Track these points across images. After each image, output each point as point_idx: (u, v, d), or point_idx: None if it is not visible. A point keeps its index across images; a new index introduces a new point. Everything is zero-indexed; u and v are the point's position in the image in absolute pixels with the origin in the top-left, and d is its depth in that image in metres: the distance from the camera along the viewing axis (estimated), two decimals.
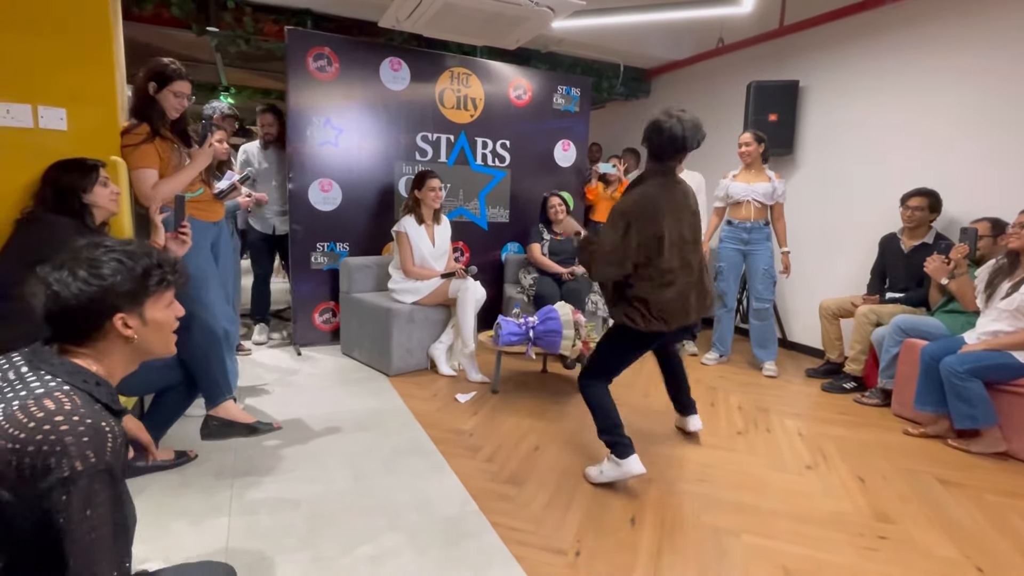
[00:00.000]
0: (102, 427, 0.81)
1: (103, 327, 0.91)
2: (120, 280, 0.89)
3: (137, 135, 2.12)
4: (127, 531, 0.85)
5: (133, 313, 0.93)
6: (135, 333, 0.93)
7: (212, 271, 2.41)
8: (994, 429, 2.49)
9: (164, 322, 0.99)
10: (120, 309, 0.91)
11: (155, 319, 0.97)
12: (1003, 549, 1.81)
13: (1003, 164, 3.08)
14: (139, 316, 0.94)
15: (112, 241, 0.94)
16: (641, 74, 5.52)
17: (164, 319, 0.99)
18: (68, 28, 2.02)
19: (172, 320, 1.01)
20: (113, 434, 0.82)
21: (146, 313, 0.95)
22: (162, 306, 0.98)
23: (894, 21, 3.53)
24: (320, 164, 3.64)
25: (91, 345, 0.92)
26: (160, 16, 3.67)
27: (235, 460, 2.16)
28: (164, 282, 0.97)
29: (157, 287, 0.96)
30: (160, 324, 0.98)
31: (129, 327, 0.92)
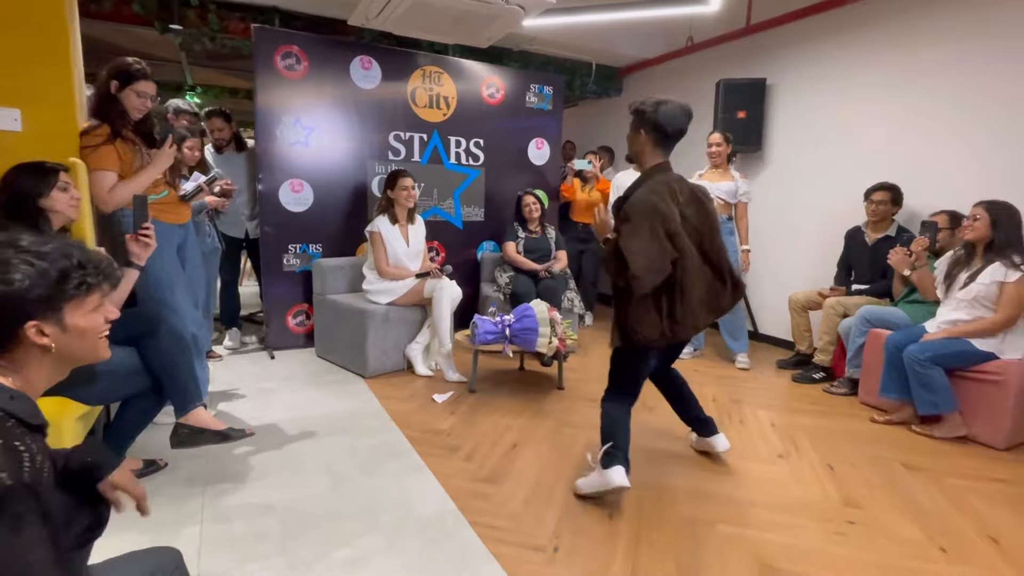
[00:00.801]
0: (14, 446, 0.74)
1: (15, 336, 0.83)
2: (31, 285, 0.81)
3: (96, 136, 2.06)
4: (67, 550, 0.78)
5: (49, 320, 0.85)
6: (52, 342, 0.86)
7: (178, 275, 2.35)
8: (955, 414, 2.58)
9: (88, 328, 0.91)
10: (33, 316, 0.83)
11: (77, 326, 0.89)
12: (964, 530, 1.88)
13: (961, 158, 3.19)
14: (57, 323, 0.86)
15: (28, 240, 0.85)
16: (613, 72, 5.57)
17: (88, 325, 0.91)
18: (21, 25, 1.95)
19: (99, 325, 0.93)
20: (30, 452, 0.75)
21: (66, 319, 0.87)
22: (85, 311, 0.90)
23: (857, 20, 3.63)
24: (290, 164, 3.58)
25: (4, 356, 0.85)
26: (120, 13, 3.56)
27: (207, 467, 2.12)
28: (85, 285, 0.88)
29: (77, 291, 0.87)
30: (83, 331, 0.90)
31: (45, 335, 0.85)
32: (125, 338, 1.83)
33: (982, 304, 2.55)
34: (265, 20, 3.83)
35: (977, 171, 3.12)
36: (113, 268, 0.95)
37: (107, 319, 0.95)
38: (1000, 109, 3.02)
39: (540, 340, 2.89)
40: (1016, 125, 2.96)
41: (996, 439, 2.51)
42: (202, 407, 1.92)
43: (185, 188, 2.52)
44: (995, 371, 2.51)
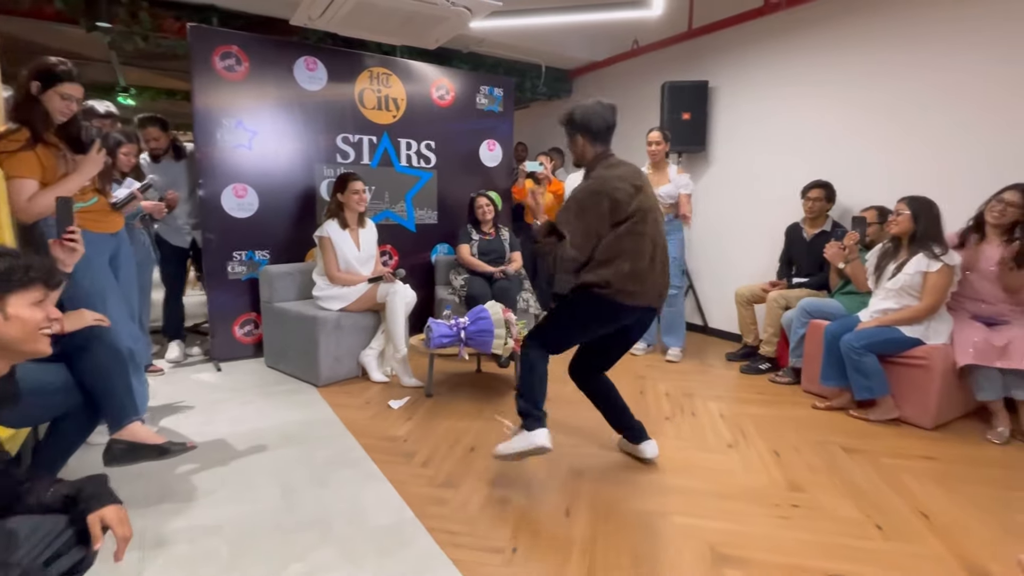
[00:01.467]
0: None
1: None
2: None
3: (14, 140, 1.92)
4: None
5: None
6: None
7: (111, 286, 2.23)
8: (887, 398, 2.74)
9: (29, 320, 1.01)
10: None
11: (19, 315, 0.99)
12: (898, 507, 2.00)
13: (888, 155, 3.39)
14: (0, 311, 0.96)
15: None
16: (563, 74, 5.64)
17: (29, 316, 1.01)
18: None
19: (40, 320, 1.03)
20: None
21: (8, 308, 0.98)
22: (27, 303, 1.01)
23: (793, 24, 3.81)
24: (233, 168, 3.45)
25: None
26: (41, 11, 3.35)
27: (147, 487, 2.02)
28: (27, 278, 1.00)
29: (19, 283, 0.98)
30: (24, 321, 1.00)
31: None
32: (55, 354, 1.72)
33: (908, 293, 2.72)
34: (202, 19, 3.68)
35: (905, 169, 3.32)
36: (55, 271, 1.08)
37: (50, 316, 1.05)
38: (928, 110, 3.22)
39: (496, 342, 2.89)
40: (939, 124, 3.17)
41: (924, 419, 2.68)
42: (139, 421, 1.82)
43: (117, 196, 2.39)
44: (922, 356, 2.67)
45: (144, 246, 3.20)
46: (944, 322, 2.73)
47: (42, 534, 1.04)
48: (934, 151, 3.19)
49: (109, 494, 1.09)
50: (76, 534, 1.08)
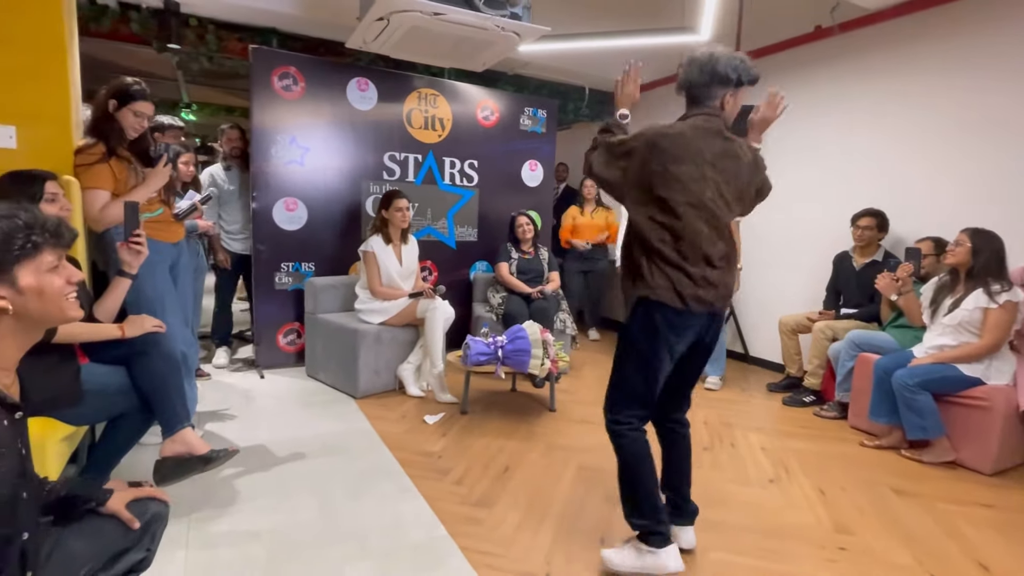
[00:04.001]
0: None
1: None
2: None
3: (91, 154, 2.06)
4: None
5: (2, 282, 0.87)
6: (9, 303, 0.87)
7: (170, 292, 2.34)
8: (943, 439, 2.60)
9: (45, 288, 0.91)
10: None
11: (32, 286, 0.89)
12: (954, 555, 1.89)
13: (946, 185, 3.27)
14: (10, 284, 0.88)
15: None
16: (606, 97, 5.66)
17: (44, 285, 0.91)
18: (19, 43, 1.96)
19: (58, 286, 0.93)
20: None
21: (19, 280, 0.88)
22: (41, 270, 0.91)
23: (843, 50, 3.73)
24: (285, 183, 3.59)
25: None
26: (118, 32, 3.59)
27: (192, 491, 2.08)
28: (31, 244, 0.89)
29: (23, 251, 0.88)
30: (39, 291, 0.91)
31: (1, 296, 0.87)
32: (115, 357, 1.81)
33: (967, 330, 2.59)
34: (263, 41, 3.87)
35: (963, 198, 3.18)
36: (63, 229, 0.95)
37: (69, 281, 0.96)
38: (988, 137, 3.09)
39: (533, 361, 2.89)
40: (1003, 153, 3.04)
41: (983, 464, 2.53)
42: (189, 428, 1.89)
43: (179, 207, 2.52)
44: (982, 396, 2.53)
45: (197, 255, 3.36)
46: (1007, 362, 2.59)
47: (106, 541, 1.10)
48: (996, 181, 3.05)
49: (100, 487, 1.16)
50: (140, 529, 1.14)
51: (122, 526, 1.12)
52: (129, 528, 1.13)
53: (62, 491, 1.12)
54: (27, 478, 0.93)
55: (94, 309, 1.82)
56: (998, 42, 3.03)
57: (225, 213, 3.69)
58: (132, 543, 1.14)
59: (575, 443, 2.71)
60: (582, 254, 4.85)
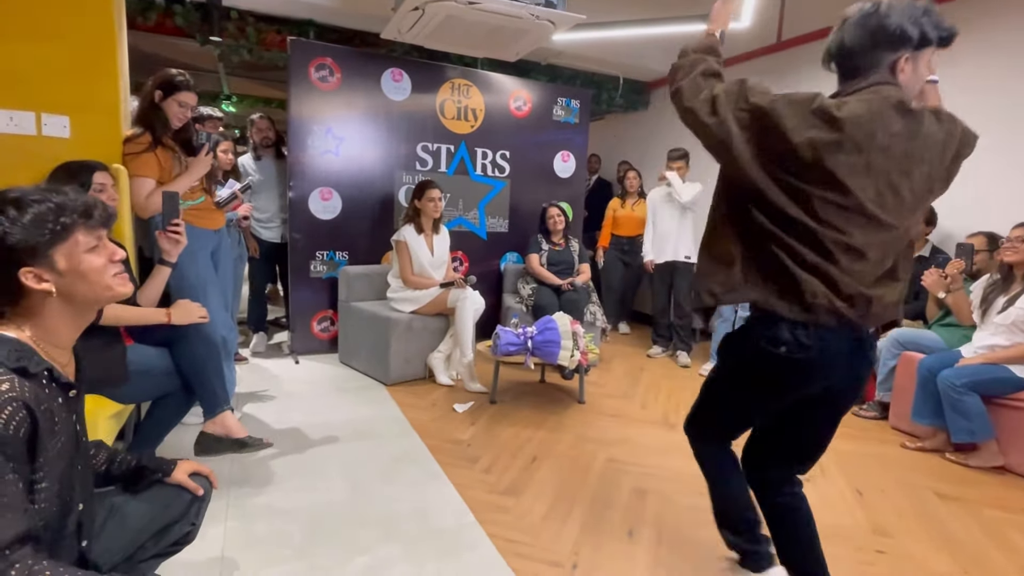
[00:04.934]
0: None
1: (17, 285, 0.85)
2: (4, 233, 0.83)
3: (139, 144, 2.13)
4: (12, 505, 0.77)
5: (42, 265, 0.86)
6: (52, 286, 0.87)
7: (211, 279, 2.41)
8: (991, 443, 2.49)
9: (87, 269, 0.90)
10: (23, 264, 0.85)
11: (73, 268, 0.88)
12: (1000, 564, 1.81)
13: (998, 179, 3.10)
14: (51, 267, 0.87)
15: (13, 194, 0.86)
16: (640, 87, 5.57)
17: (86, 266, 0.90)
18: (72, 37, 2.04)
19: (99, 265, 0.92)
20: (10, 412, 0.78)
21: (58, 263, 0.87)
22: (80, 251, 0.89)
23: None
24: (321, 173, 3.66)
25: (16, 307, 0.88)
26: (163, 26, 3.70)
27: (231, 469, 2.15)
28: (61, 226, 0.87)
29: (56, 234, 0.86)
30: (82, 272, 0.89)
31: (45, 280, 0.87)
32: (158, 339, 1.89)
33: (1021, 329, 2.47)
34: (301, 33, 3.93)
35: (1016, 192, 3.02)
36: (93, 208, 0.93)
37: (112, 259, 0.95)
38: None
39: (562, 353, 2.88)
40: None
41: None
42: (229, 411, 1.95)
43: (220, 195, 2.59)
44: None
45: (238, 243, 3.45)
46: None
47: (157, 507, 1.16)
48: None
49: (167, 460, 1.24)
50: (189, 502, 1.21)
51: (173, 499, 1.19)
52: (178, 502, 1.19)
53: (133, 462, 1.20)
54: (81, 452, 0.97)
55: (137, 296, 1.89)
56: None
57: (257, 202, 3.77)
58: (180, 516, 1.19)
59: (604, 435, 2.69)
60: (622, 246, 4.80)
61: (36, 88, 2.00)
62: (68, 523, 0.93)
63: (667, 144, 4.27)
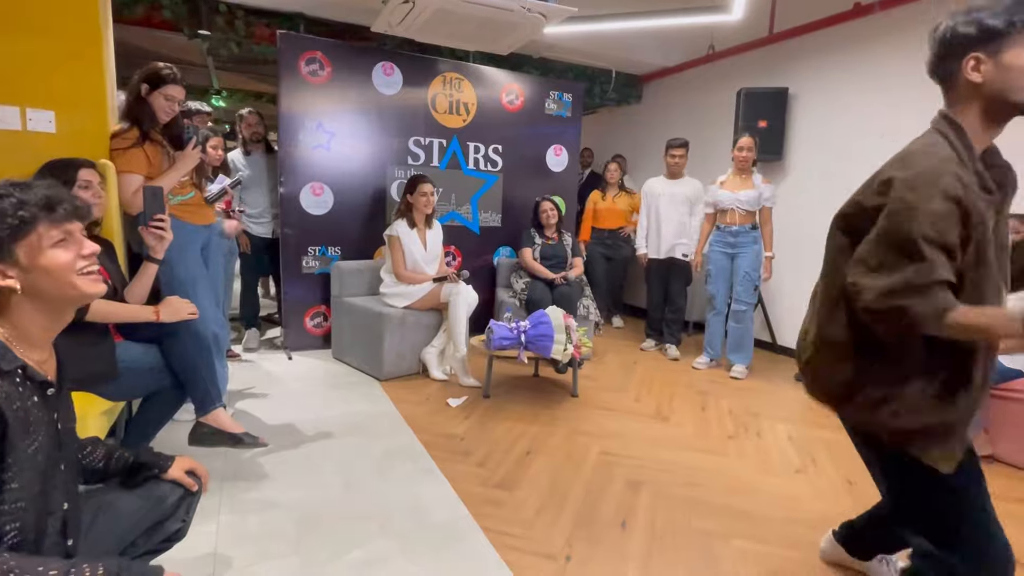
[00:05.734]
0: None
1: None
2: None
3: (126, 139, 2.11)
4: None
5: (4, 261, 0.85)
6: (17, 282, 0.86)
7: (202, 274, 2.40)
8: (980, 433, 2.52)
9: (51, 264, 0.87)
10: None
11: (35, 262, 0.86)
12: None
13: None
14: (15, 264, 0.85)
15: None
16: (633, 80, 5.56)
17: (49, 261, 0.87)
18: (57, 30, 2.01)
19: (66, 261, 0.89)
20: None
21: (20, 258, 0.85)
22: (43, 246, 0.87)
23: (880, 29, 3.59)
24: (312, 168, 3.63)
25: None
26: (151, 19, 3.65)
27: (224, 464, 2.15)
28: (21, 221, 0.85)
29: (17, 228, 0.84)
30: (45, 267, 0.87)
31: (9, 276, 0.85)
32: (149, 336, 1.87)
33: None
34: (290, 26, 3.89)
35: None
36: (59, 201, 0.90)
37: (82, 255, 0.92)
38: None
39: (555, 347, 2.88)
40: None
41: (1023, 459, 2.44)
42: (221, 408, 1.95)
43: (210, 190, 2.57)
44: (1022, 389, 2.44)
45: (229, 239, 3.42)
46: None
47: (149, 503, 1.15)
48: None
49: (165, 455, 1.24)
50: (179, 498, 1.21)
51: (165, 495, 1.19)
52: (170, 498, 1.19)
53: (131, 458, 1.20)
54: (65, 452, 0.96)
55: (125, 293, 1.87)
56: None
57: (247, 197, 3.74)
58: (171, 512, 1.19)
59: (597, 429, 2.70)
60: (603, 240, 4.80)
61: (20, 82, 1.97)
62: (50, 523, 0.92)
63: (660, 137, 4.27)
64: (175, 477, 1.20)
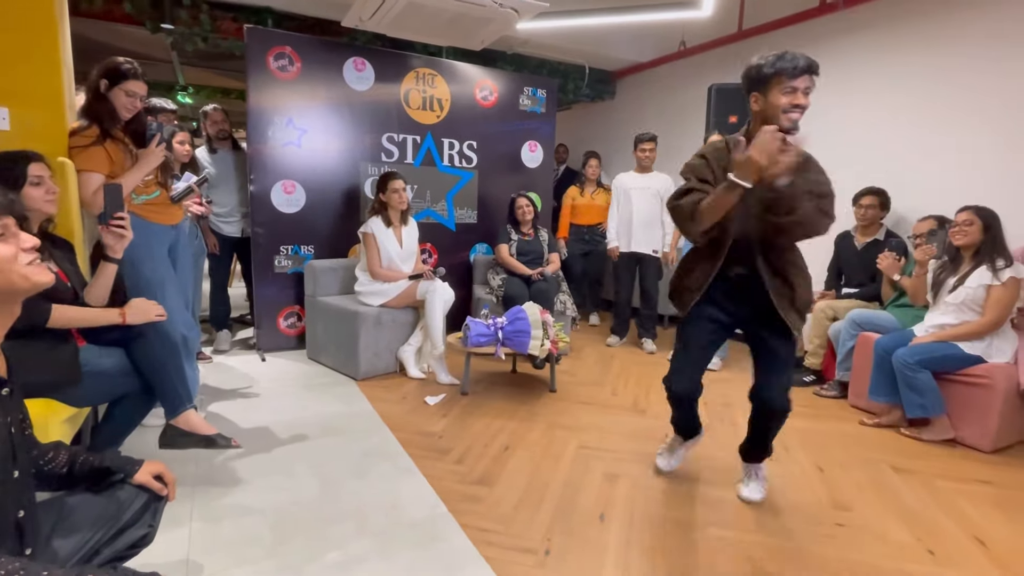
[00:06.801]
0: None
1: None
2: None
3: (86, 136, 2.04)
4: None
5: None
6: None
7: (169, 276, 2.34)
8: (943, 417, 2.60)
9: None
10: None
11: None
12: (952, 532, 1.90)
13: (945, 163, 3.23)
14: None
15: None
16: (606, 76, 5.59)
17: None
18: (9, 24, 1.93)
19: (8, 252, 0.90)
20: None
21: None
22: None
23: (845, 26, 3.67)
24: (283, 165, 3.57)
25: None
26: (111, 12, 3.54)
27: (196, 469, 2.10)
28: None
29: None
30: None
31: None
32: (114, 339, 1.81)
33: (970, 308, 2.58)
34: (258, 21, 3.81)
35: (963, 176, 3.15)
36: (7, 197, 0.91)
37: (23, 248, 0.93)
38: (986, 116, 3.05)
39: (532, 343, 2.89)
40: (1002, 132, 3.00)
41: (983, 442, 2.54)
42: (192, 410, 1.90)
43: (176, 188, 2.50)
44: (982, 374, 2.53)
45: (196, 238, 3.34)
46: (1007, 340, 2.58)
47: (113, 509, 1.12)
48: (996, 159, 3.01)
49: (132, 459, 1.20)
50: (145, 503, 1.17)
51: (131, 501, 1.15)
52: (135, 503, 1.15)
53: (96, 462, 1.16)
54: (20, 458, 0.93)
55: (84, 294, 1.80)
56: (1001, 19, 2.97)
57: (215, 196, 3.64)
58: (136, 518, 1.16)
59: (575, 422, 2.72)
60: (582, 236, 4.82)
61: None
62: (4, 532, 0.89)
63: (634, 132, 4.30)
64: (142, 481, 1.17)
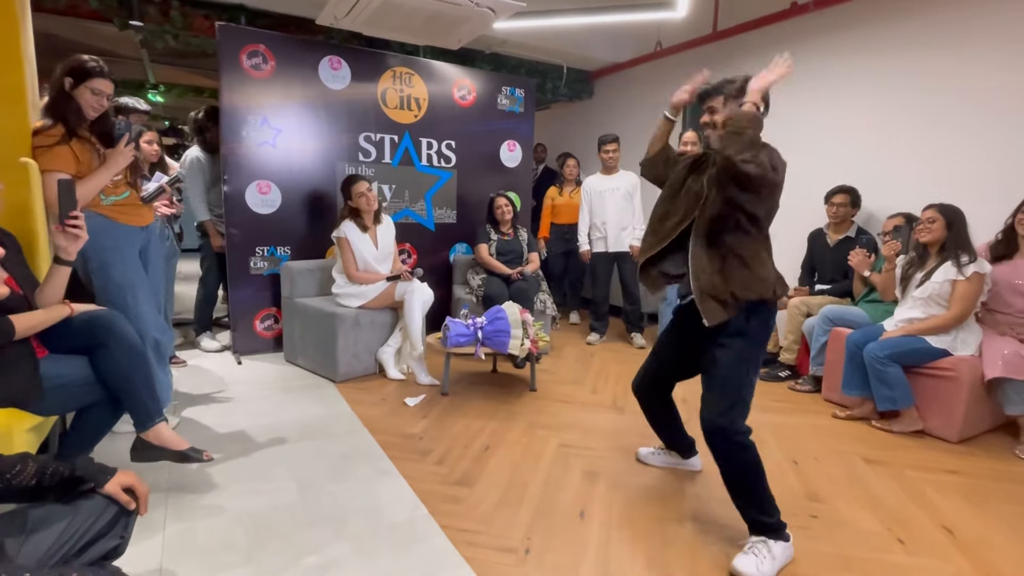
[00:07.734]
0: None
1: None
2: None
3: (50, 136, 1.98)
4: None
5: None
6: None
7: (140, 279, 2.27)
8: (911, 410, 2.68)
9: None
10: None
11: None
12: (921, 521, 1.95)
13: (914, 162, 3.32)
14: None
15: None
16: (584, 76, 5.62)
17: None
18: None
19: None
20: None
21: None
22: None
23: (818, 28, 3.74)
24: (257, 165, 3.51)
25: None
26: (77, 8, 3.44)
27: (169, 476, 2.06)
28: None
29: None
30: None
31: None
32: (73, 348, 1.72)
33: (936, 302, 2.66)
34: (231, 18, 3.74)
35: (931, 176, 3.24)
36: None
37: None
38: (955, 116, 3.14)
39: (512, 342, 2.89)
40: (971, 132, 3.09)
41: (950, 433, 2.61)
42: (163, 423, 1.84)
43: (147, 189, 2.44)
44: (948, 367, 2.61)
45: (168, 240, 3.27)
46: (972, 333, 2.66)
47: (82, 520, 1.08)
48: (961, 158, 3.10)
49: (105, 467, 1.16)
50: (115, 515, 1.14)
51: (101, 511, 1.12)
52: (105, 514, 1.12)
53: (66, 472, 1.12)
54: None
55: (36, 297, 1.73)
56: (971, 23, 3.06)
57: (216, 196, 3.59)
58: (107, 529, 1.13)
59: (555, 421, 2.73)
60: (563, 235, 4.85)
61: None
62: None
63: (613, 132, 4.33)
64: (111, 493, 1.14)
